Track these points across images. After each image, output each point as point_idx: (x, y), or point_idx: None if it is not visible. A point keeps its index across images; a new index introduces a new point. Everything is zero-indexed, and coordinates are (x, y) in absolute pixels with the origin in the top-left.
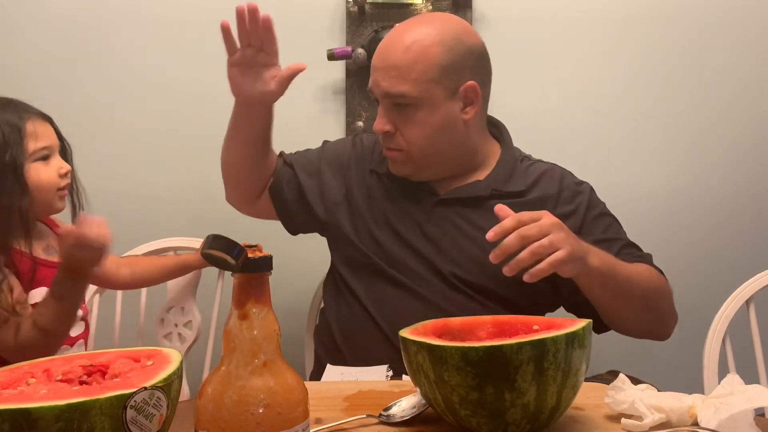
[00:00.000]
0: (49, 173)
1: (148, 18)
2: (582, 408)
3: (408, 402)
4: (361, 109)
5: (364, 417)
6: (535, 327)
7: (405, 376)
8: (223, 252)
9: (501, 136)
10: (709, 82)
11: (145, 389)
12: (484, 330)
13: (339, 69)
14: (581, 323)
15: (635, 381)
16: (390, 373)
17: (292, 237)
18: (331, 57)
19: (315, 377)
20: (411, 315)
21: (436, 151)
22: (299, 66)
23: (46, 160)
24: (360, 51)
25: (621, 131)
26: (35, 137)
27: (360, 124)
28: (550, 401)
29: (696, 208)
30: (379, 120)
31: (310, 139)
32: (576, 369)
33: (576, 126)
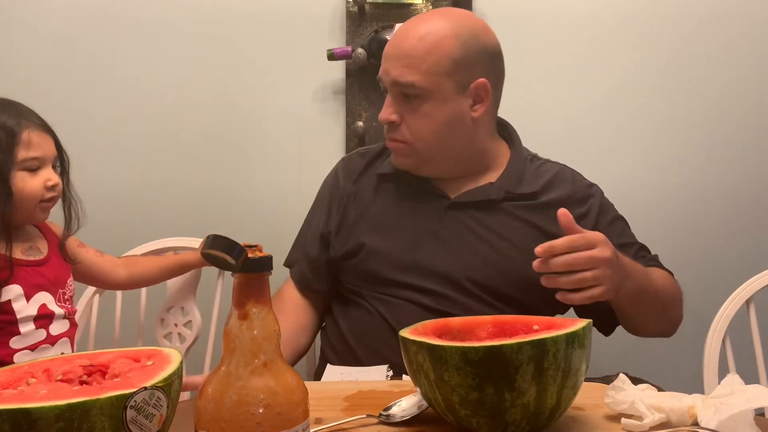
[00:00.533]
0: (34, 184)
1: (147, 20)
2: (582, 408)
3: (408, 402)
4: (361, 110)
5: (364, 417)
6: (535, 327)
7: (405, 376)
8: (224, 252)
9: (509, 136)
10: (707, 79)
11: (146, 389)
12: (484, 330)
13: (339, 69)
14: (581, 323)
15: (635, 381)
16: (390, 373)
17: (292, 237)
18: (331, 57)
19: (319, 376)
20: (424, 318)
21: (441, 146)
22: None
23: (34, 171)
24: (360, 51)
25: (619, 128)
26: (27, 146)
27: (360, 124)
28: (550, 401)
29: (697, 207)
30: (386, 109)
31: (309, 139)
32: (576, 369)
33: (574, 123)
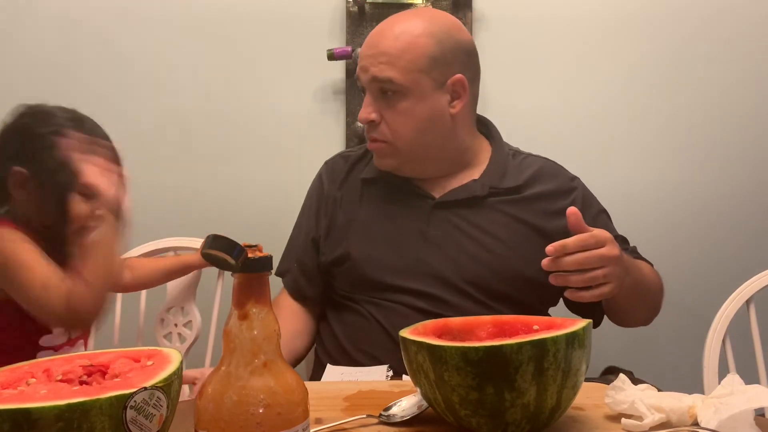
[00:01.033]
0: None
1: (146, 20)
2: (582, 408)
3: (408, 402)
4: None
5: (364, 417)
6: (535, 327)
7: (405, 376)
8: (224, 252)
9: (490, 133)
10: (706, 79)
11: (145, 389)
12: (484, 330)
13: (339, 69)
14: (581, 323)
15: (635, 381)
16: (390, 373)
17: None
18: (331, 57)
19: (315, 379)
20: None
21: (421, 144)
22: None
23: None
24: (360, 51)
25: (618, 128)
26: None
27: (360, 124)
28: (550, 401)
29: (696, 207)
30: (365, 109)
31: (310, 139)
32: (576, 369)
33: (574, 124)
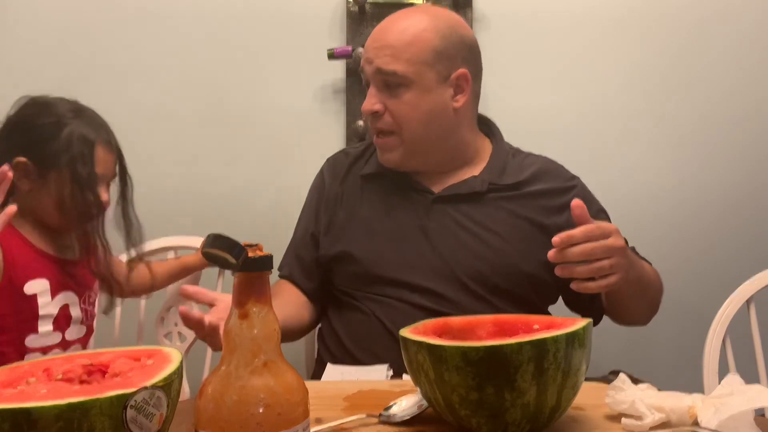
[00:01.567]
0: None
1: (145, 18)
2: (582, 408)
3: (408, 401)
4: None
5: (364, 417)
6: (536, 326)
7: (405, 375)
8: (224, 251)
9: (491, 131)
10: (706, 79)
11: (146, 389)
12: (484, 329)
13: (339, 68)
14: (581, 323)
15: (635, 381)
16: (390, 372)
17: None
18: (332, 56)
19: (315, 378)
20: (418, 316)
21: (425, 136)
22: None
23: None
24: (360, 50)
25: (620, 128)
26: (97, 162)
27: (360, 123)
28: (550, 401)
29: (696, 206)
30: (369, 100)
31: (309, 138)
32: (576, 369)
33: (574, 124)
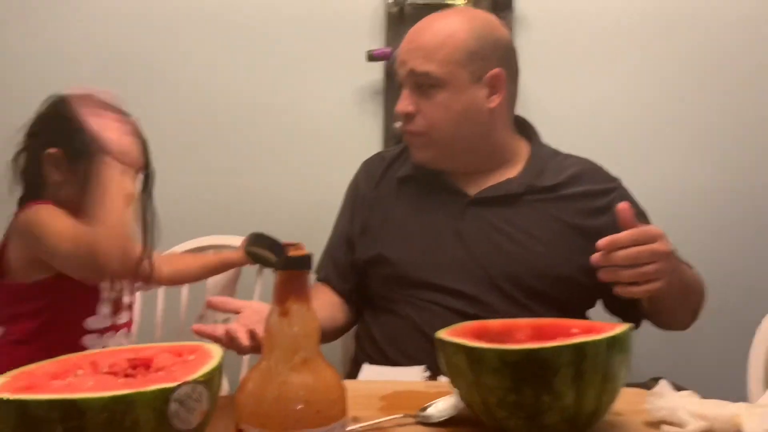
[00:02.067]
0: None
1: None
2: (621, 413)
3: (445, 403)
4: None
5: (401, 417)
6: (575, 330)
7: (442, 376)
8: (266, 249)
9: (528, 133)
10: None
11: (188, 383)
12: (522, 333)
13: (378, 70)
14: (622, 327)
15: (678, 388)
16: (427, 374)
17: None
18: (371, 58)
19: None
20: (454, 320)
21: (457, 137)
22: None
23: None
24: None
25: (664, 129)
26: None
27: (398, 125)
28: (589, 405)
29: (743, 210)
30: (402, 102)
31: (347, 140)
32: (616, 374)
33: (616, 125)
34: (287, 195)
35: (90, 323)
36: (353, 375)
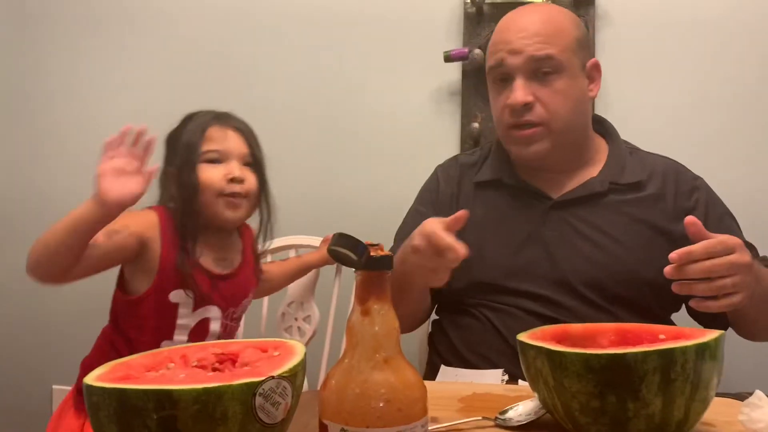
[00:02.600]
0: (212, 174)
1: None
2: (713, 424)
3: (525, 407)
4: (477, 110)
5: (480, 419)
6: (661, 336)
7: (521, 381)
8: (348, 249)
9: (606, 130)
10: None
11: (273, 378)
12: (605, 338)
13: (455, 70)
14: (713, 334)
15: None
16: (506, 378)
17: None
18: (448, 59)
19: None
20: (534, 324)
21: (572, 126)
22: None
23: (214, 162)
24: (477, 52)
25: (750, 130)
26: (209, 140)
27: (475, 125)
28: (677, 414)
29: None
30: (520, 91)
31: (425, 140)
32: (707, 382)
33: (699, 124)
34: (366, 195)
35: (164, 346)
36: (429, 378)
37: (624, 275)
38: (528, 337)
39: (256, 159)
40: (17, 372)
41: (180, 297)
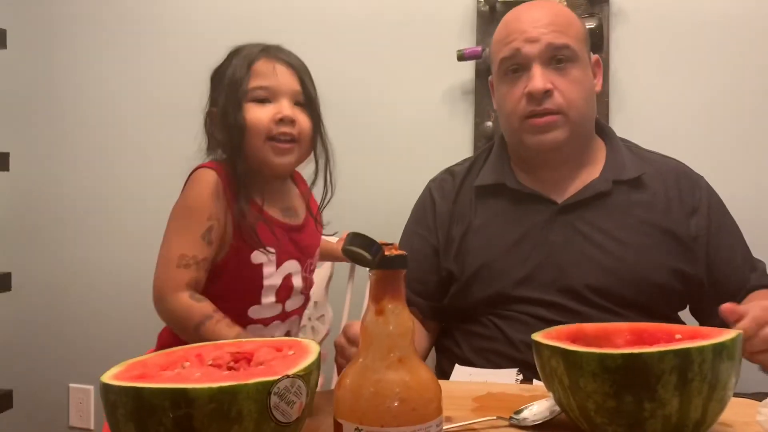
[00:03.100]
0: (259, 115)
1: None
2: (730, 424)
3: (540, 407)
4: (490, 109)
5: (494, 419)
6: (678, 336)
7: (536, 381)
8: (363, 249)
9: (602, 130)
10: None
11: (288, 377)
12: (621, 337)
13: (468, 69)
14: (730, 333)
15: None
16: (520, 377)
17: None
18: (461, 58)
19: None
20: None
21: (585, 116)
22: None
23: (262, 102)
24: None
25: (755, 132)
26: (257, 75)
27: (489, 124)
28: (694, 414)
29: None
30: (539, 79)
31: (438, 139)
32: (724, 382)
33: (713, 124)
34: (379, 195)
35: (253, 312)
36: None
37: (632, 279)
38: (543, 337)
39: (308, 98)
40: (35, 371)
41: (261, 257)
